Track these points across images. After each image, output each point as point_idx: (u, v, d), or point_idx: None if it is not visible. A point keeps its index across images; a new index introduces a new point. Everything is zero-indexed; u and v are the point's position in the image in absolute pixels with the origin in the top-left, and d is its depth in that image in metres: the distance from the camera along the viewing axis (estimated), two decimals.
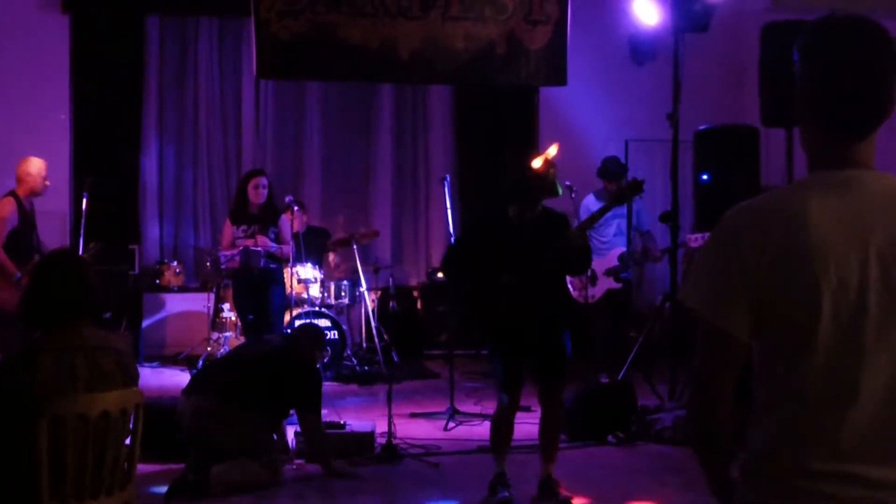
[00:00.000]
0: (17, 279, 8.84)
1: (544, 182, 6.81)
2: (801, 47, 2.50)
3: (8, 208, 9.13)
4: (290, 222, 10.62)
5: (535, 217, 6.84)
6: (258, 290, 10.29)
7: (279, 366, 7.42)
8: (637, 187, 6.99)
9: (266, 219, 10.34)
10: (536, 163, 6.80)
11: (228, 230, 10.49)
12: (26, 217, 9.29)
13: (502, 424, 6.95)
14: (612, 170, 10.71)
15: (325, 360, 9.98)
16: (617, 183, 10.39)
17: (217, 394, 7.14)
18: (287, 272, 10.82)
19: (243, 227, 10.32)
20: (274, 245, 10.31)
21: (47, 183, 9.48)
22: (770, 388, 2.42)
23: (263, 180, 10.39)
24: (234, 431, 7.04)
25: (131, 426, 4.47)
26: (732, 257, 2.40)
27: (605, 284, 10.66)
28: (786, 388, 2.38)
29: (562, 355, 6.87)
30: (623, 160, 11.11)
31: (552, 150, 6.94)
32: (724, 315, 2.41)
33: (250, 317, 10.30)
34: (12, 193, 9.28)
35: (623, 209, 10.10)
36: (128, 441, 4.47)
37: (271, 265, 10.34)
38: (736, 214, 2.46)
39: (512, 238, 6.75)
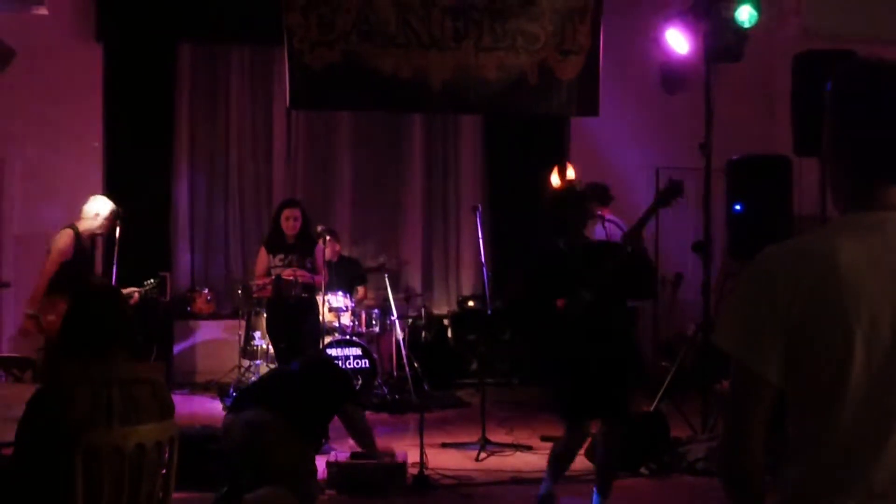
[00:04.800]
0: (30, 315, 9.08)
1: (573, 196, 6.67)
2: (833, 90, 2.50)
3: (66, 241, 9.23)
4: (324, 252, 10.68)
5: (587, 245, 6.73)
6: (292, 319, 10.34)
7: (316, 372, 7.55)
8: (676, 189, 6.61)
9: (302, 249, 10.40)
10: (554, 180, 6.64)
11: (263, 258, 10.56)
12: (83, 252, 9.38)
13: (563, 453, 6.85)
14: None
15: (357, 387, 10.03)
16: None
17: (270, 407, 7.07)
18: (320, 301, 10.83)
19: (280, 255, 10.39)
20: (312, 276, 10.39)
21: (105, 227, 9.50)
22: (803, 428, 2.41)
23: (297, 212, 10.46)
24: (281, 452, 6.98)
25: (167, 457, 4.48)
26: (764, 299, 2.40)
27: None
28: (818, 430, 2.37)
29: (623, 395, 6.78)
30: (654, 187, 11.04)
31: (569, 172, 6.79)
32: (756, 357, 2.41)
33: (282, 345, 10.34)
34: (73, 227, 9.36)
35: None
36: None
37: (303, 294, 10.39)
38: (768, 257, 2.46)
39: (568, 268, 6.62)
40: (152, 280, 10.01)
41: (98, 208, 9.46)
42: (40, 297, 9.07)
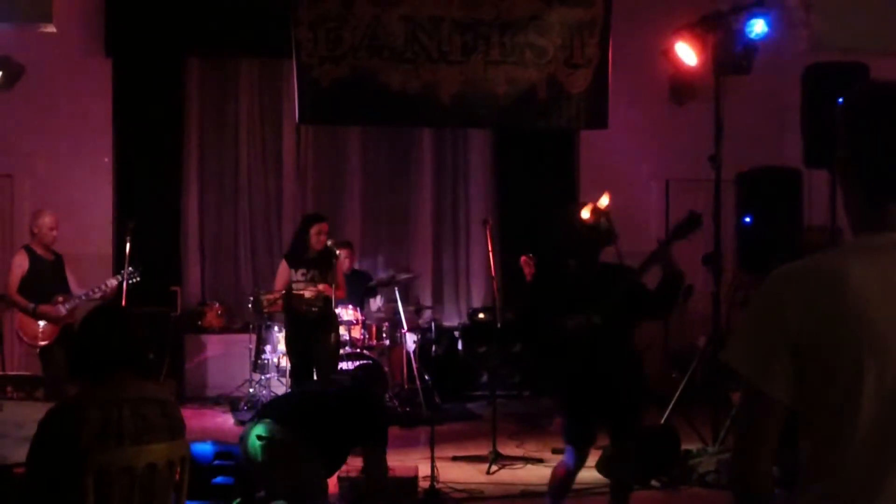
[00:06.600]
0: (32, 308, 9.69)
1: (597, 233, 6.63)
2: (844, 112, 2.50)
3: (18, 259, 9.96)
4: (341, 267, 10.69)
5: (594, 270, 6.63)
6: (311, 334, 10.24)
7: (349, 402, 7.28)
8: (694, 221, 6.56)
9: (324, 264, 10.33)
10: (585, 213, 6.59)
11: (285, 272, 10.44)
12: (38, 265, 9.91)
13: (563, 478, 6.78)
14: None
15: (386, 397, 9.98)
16: None
17: (287, 422, 6.96)
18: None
19: (302, 270, 10.31)
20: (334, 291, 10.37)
21: (54, 233, 10.02)
22: (814, 453, 2.41)
23: (325, 226, 10.43)
24: (293, 468, 6.87)
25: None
26: (775, 320, 2.41)
27: None
28: (830, 455, 2.37)
29: (633, 418, 6.71)
30: (665, 198, 11.03)
31: (603, 200, 6.73)
32: (765, 376, 2.41)
33: (296, 360, 10.31)
34: (25, 246, 10.05)
35: None
36: None
37: (316, 309, 10.32)
38: (779, 277, 2.46)
39: (574, 290, 6.55)
40: (130, 268, 10.04)
41: (32, 223, 10.11)
42: (24, 303, 9.76)
